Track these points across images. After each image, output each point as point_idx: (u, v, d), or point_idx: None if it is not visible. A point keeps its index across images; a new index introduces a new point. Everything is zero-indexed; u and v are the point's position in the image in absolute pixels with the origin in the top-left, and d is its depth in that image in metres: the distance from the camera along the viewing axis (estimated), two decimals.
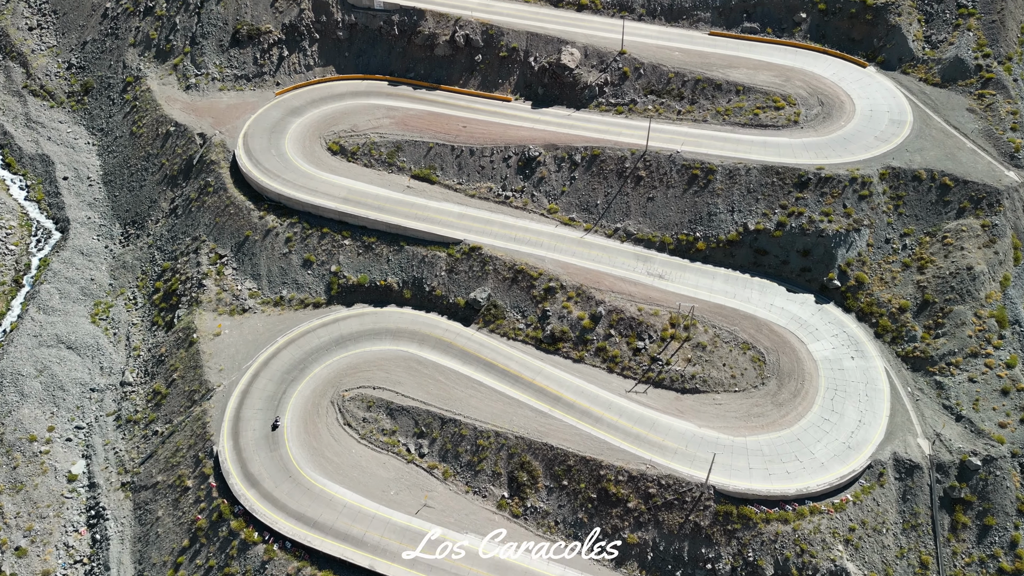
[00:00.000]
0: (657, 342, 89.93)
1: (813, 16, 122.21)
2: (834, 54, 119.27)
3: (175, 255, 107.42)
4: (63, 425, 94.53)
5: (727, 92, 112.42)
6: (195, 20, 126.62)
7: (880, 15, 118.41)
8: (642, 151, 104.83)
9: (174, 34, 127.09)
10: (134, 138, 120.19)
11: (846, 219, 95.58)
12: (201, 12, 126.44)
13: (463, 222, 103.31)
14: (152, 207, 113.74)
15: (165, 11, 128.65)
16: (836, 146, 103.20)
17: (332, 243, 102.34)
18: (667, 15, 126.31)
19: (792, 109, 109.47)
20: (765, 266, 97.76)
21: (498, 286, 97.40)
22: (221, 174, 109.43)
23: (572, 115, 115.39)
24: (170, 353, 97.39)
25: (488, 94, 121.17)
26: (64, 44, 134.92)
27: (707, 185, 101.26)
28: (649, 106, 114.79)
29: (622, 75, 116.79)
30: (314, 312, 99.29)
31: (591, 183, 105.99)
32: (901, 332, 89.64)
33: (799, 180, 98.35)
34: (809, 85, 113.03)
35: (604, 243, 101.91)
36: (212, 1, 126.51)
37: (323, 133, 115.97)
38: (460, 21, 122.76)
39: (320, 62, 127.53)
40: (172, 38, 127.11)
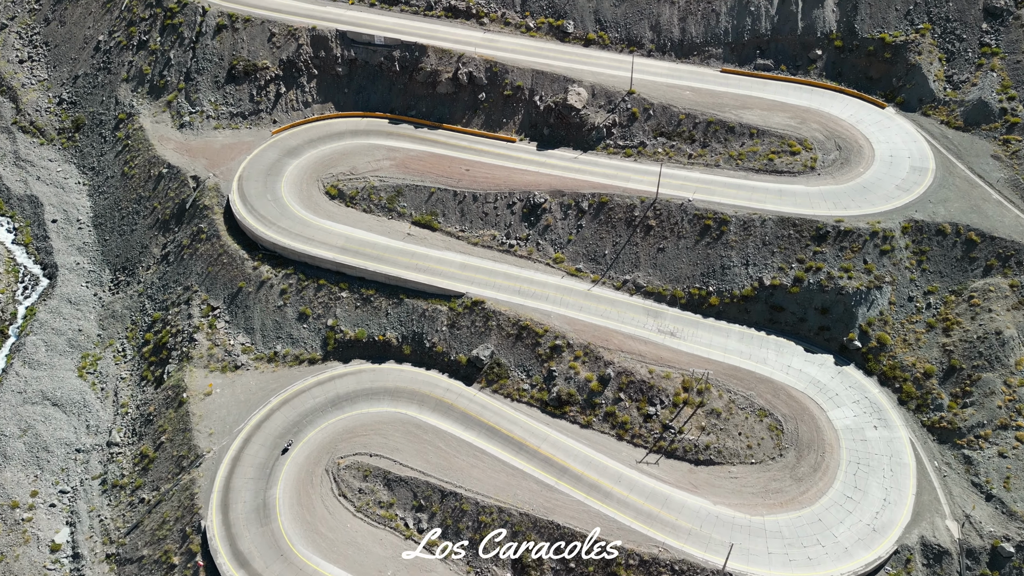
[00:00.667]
0: (669, 407, 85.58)
1: (829, 53, 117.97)
2: (851, 93, 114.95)
3: (166, 305, 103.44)
4: (47, 489, 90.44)
5: (740, 135, 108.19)
6: (190, 55, 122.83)
7: (899, 53, 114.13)
8: (652, 199, 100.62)
9: (168, 69, 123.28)
10: (126, 179, 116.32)
11: (867, 276, 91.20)
12: (196, 47, 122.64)
13: (465, 273, 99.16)
14: (143, 253, 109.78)
15: (159, 45, 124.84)
16: (855, 195, 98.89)
17: (329, 295, 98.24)
18: (677, 51, 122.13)
19: (808, 154, 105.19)
20: (782, 323, 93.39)
21: (502, 343, 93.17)
22: (215, 220, 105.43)
23: (579, 158, 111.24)
24: (159, 413, 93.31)
25: (492, 134, 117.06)
26: (55, 78, 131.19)
27: (720, 236, 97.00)
28: (659, 149, 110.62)
29: (631, 116, 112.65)
30: (309, 369, 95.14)
31: (599, 232, 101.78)
32: (926, 399, 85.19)
33: (817, 233, 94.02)
34: (826, 128, 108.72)
35: (612, 296, 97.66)
36: (207, 36, 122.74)
37: (321, 176, 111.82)
38: (463, 58, 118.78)
39: (318, 99, 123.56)
40: (166, 73, 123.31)
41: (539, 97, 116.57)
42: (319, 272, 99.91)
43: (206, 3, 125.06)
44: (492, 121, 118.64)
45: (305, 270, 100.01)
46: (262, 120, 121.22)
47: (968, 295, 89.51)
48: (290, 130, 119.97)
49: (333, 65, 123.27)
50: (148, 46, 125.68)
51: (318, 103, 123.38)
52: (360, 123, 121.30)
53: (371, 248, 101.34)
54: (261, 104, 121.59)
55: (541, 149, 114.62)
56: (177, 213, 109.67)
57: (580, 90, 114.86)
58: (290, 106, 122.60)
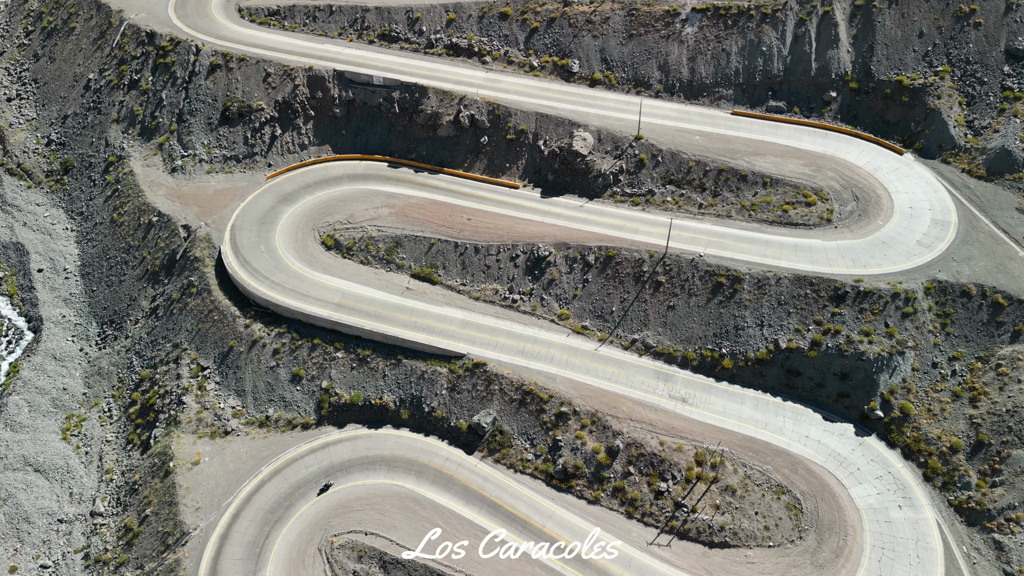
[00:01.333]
0: (681, 483, 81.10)
1: (844, 95, 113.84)
2: (867, 138, 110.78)
3: (154, 363, 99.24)
4: (27, 564, 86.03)
5: (753, 184, 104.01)
6: (183, 96, 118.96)
7: (917, 97, 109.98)
8: (661, 253, 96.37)
9: (160, 110, 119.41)
10: (115, 226, 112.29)
11: (888, 340, 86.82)
12: (189, 87, 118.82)
13: (467, 331, 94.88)
14: (132, 305, 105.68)
15: (151, 85, 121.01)
16: (874, 251, 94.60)
17: (324, 356, 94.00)
18: (686, 92, 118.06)
19: (824, 205, 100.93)
20: (799, 389, 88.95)
21: (504, 408, 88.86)
22: (205, 273, 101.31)
23: (584, 206, 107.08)
24: (144, 482, 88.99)
25: (494, 179, 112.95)
26: (44, 117, 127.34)
27: (733, 295, 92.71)
28: (668, 197, 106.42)
29: (638, 162, 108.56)
30: (303, 434, 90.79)
31: (606, 287, 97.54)
32: (953, 477, 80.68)
33: (835, 293, 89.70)
34: (842, 176, 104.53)
35: (621, 357, 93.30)
36: (201, 76, 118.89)
37: (317, 224, 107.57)
38: (465, 100, 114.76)
39: (315, 141, 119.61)
40: (158, 115, 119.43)
41: (543, 141, 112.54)
42: (314, 330, 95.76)
43: (200, 42, 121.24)
44: (495, 165, 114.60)
45: (299, 328, 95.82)
46: (257, 163, 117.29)
47: (996, 363, 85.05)
48: (286, 174, 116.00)
49: (330, 106, 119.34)
50: (140, 86, 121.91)
51: (315, 145, 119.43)
52: (358, 167, 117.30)
53: (368, 304, 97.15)
54: (256, 147, 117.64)
55: (545, 196, 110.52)
56: (167, 264, 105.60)
57: (586, 135, 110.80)
58: (286, 149, 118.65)
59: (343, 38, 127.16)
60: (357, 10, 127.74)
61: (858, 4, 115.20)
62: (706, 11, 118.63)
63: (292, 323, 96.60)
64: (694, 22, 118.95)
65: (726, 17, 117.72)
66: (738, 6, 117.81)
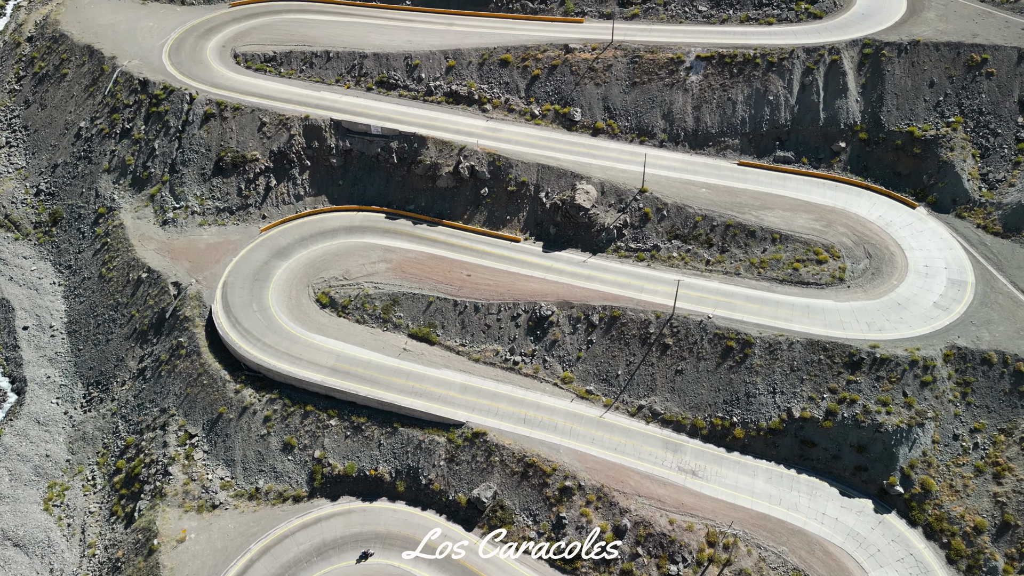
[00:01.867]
0: (692, 566, 76.92)
1: (853, 146, 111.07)
2: (879, 191, 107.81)
3: (141, 428, 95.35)
4: None
5: (762, 240, 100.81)
6: (175, 146, 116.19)
7: (929, 149, 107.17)
8: (668, 314, 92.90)
9: (152, 160, 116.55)
10: (103, 282, 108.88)
11: (907, 411, 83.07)
12: (182, 137, 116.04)
13: (466, 396, 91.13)
14: (119, 366, 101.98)
15: (143, 134, 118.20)
16: (890, 314, 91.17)
17: (317, 423, 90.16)
18: (691, 141, 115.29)
19: (836, 263, 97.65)
20: (814, 460, 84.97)
21: (505, 481, 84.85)
22: (195, 334, 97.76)
23: (588, 262, 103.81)
24: (127, 560, 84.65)
25: (495, 232, 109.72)
26: (33, 166, 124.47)
27: (744, 360, 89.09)
28: (674, 253, 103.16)
29: (643, 216, 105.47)
30: (294, 508, 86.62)
31: (611, 349, 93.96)
32: (978, 560, 76.52)
33: (850, 359, 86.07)
34: (853, 232, 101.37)
35: (627, 424, 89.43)
36: (195, 125, 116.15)
37: (312, 281, 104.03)
38: (465, 151, 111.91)
39: (311, 191, 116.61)
40: (150, 165, 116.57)
41: (545, 193, 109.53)
42: (307, 396, 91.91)
43: (194, 90, 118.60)
44: (495, 218, 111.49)
45: (292, 394, 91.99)
46: (251, 215, 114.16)
47: (1019, 436, 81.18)
48: (280, 227, 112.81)
49: (327, 156, 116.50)
50: (132, 135, 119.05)
51: (311, 196, 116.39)
52: (355, 218, 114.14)
53: (364, 368, 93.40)
54: (250, 198, 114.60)
55: (547, 250, 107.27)
56: (156, 323, 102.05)
57: (588, 188, 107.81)
58: (281, 200, 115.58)
59: (340, 85, 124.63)
60: (355, 56, 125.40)
61: (866, 53, 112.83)
62: (711, 59, 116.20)
63: (284, 388, 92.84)
64: (698, 70, 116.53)
65: (731, 65, 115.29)
66: (743, 54, 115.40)
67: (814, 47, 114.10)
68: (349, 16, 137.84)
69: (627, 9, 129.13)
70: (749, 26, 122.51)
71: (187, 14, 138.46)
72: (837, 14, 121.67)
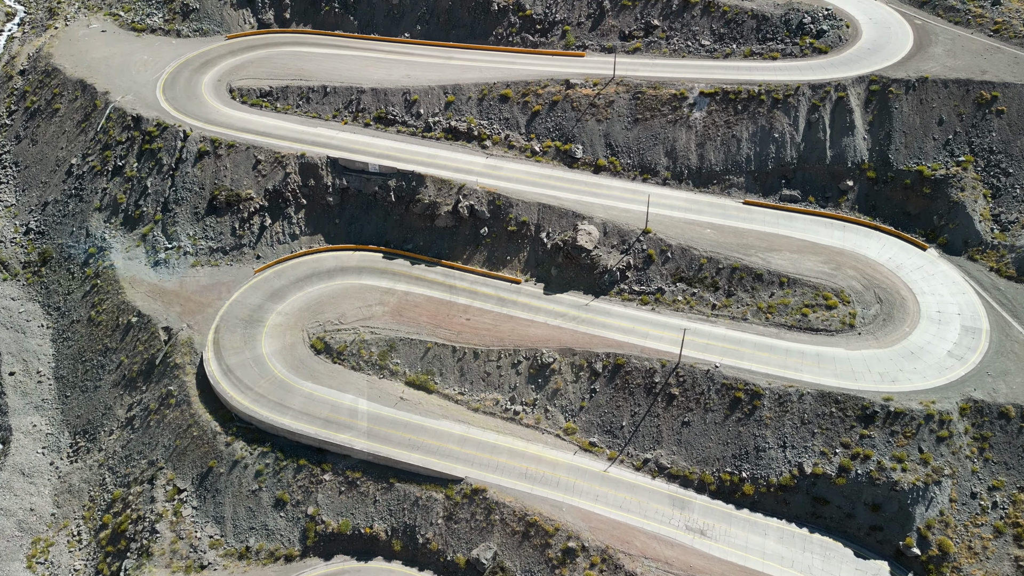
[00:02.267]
0: None
1: (861, 184, 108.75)
2: (888, 231, 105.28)
3: (128, 481, 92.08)
4: None
5: (769, 284, 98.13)
6: (168, 184, 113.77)
7: (939, 188, 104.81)
8: (674, 363, 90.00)
9: (145, 199, 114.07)
10: (92, 325, 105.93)
11: (923, 468, 79.98)
12: (175, 175, 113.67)
13: (464, 449, 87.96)
14: (107, 414, 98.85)
15: (136, 172, 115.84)
16: (903, 363, 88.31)
17: (310, 478, 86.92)
18: (695, 179, 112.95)
19: (846, 308, 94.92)
20: (827, 519, 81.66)
21: (506, 542, 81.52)
22: (186, 383, 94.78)
23: (590, 305, 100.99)
24: None
25: (495, 273, 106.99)
26: (24, 203, 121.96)
27: (752, 412, 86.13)
28: (679, 296, 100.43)
29: (646, 258, 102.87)
30: (285, 568, 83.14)
31: (615, 399, 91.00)
32: None
33: (863, 413, 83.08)
34: (863, 275, 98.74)
35: (632, 479, 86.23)
36: (188, 163, 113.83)
37: (307, 325, 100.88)
38: (464, 189, 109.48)
39: (307, 230, 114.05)
40: (142, 203, 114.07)
41: (546, 233, 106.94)
42: (300, 449, 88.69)
43: (188, 127, 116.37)
44: (495, 258, 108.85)
45: (284, 447, 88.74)
46: (244, 256, 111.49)
47: None
48: (275, 267, 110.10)
49: (323, 194, 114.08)
50: (124, 172, 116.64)
51: (306, 235, 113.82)
52: (352, 258, 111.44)
53: (359, 419, 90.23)
54: (244, 238, 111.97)
55: (548, 292, 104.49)
56: (146, 370, 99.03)
57: (591, 228, 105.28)
58: (276, 239, 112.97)
59: (338, 120, 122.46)
60: (352, 92, 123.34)
61: (873, 89, 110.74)
62: (715, 95, 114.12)
63: (277, 440, 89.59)
64: (702, 107, 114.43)
65: (736, 102, 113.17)
66: (748, 90, 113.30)
67: (820, 84, 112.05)
68: (347, 49, 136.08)
69: (629, 43, 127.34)
70: (753, 61, 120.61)
71: (183, 47, 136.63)
72: (842, 49, 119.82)
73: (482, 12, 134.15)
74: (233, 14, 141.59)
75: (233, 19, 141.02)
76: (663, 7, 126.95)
